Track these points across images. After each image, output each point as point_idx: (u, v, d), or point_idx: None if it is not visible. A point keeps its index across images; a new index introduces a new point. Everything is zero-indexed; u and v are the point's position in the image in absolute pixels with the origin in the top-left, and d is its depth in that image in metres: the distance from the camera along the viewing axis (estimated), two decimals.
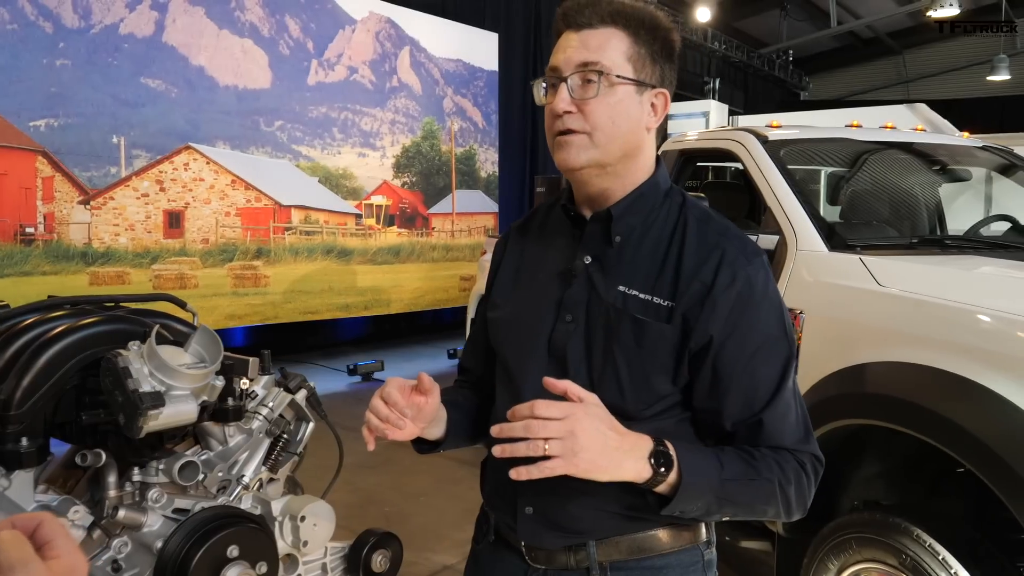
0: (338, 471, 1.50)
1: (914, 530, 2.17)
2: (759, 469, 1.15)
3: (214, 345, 1.16)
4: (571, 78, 1.20)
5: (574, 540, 1.25)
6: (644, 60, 1.21)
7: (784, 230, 2.84)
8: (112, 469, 1.21)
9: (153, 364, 1.11)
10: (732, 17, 14.89)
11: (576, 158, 1.21)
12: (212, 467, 1.30)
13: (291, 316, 7.68)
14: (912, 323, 2.30)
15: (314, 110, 7.87)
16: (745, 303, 1.18)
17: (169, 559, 1.09)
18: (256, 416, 1.37)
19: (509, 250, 1.44)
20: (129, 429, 1.08)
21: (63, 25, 6.05)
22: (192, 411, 1.13)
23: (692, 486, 1.11)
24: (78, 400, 1.22)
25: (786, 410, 1.20)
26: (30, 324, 1.28)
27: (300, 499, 1.28)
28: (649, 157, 1.28)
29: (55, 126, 6.01)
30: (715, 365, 1.19)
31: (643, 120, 1.23)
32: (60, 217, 6.11)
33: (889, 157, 3.48)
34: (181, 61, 6.79)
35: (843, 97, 17.52)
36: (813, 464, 1.21)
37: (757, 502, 1.17)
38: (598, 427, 1.06)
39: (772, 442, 1.19)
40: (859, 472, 2.67)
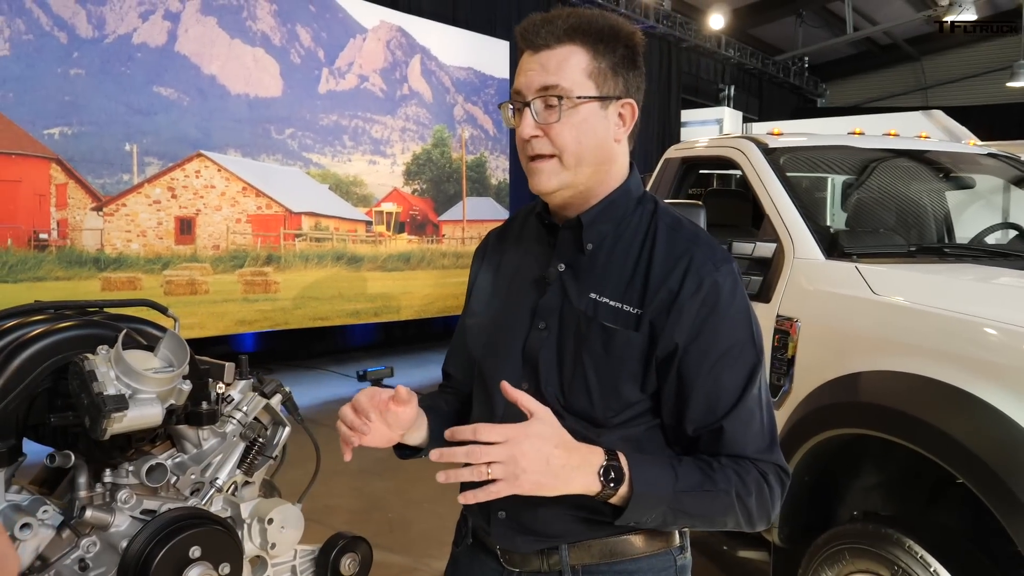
0: (315, 476, 1.51)
1: (906, 541, 2.15)
2: (716, 480, 1.15)
3: (181, 350, 1.18)
4: (534, 103, 1.21)
5: (546, 544, 1.26)
6: (605, 74, 1.21)
7: (782, 237, 2.83)
8: (83, 471, 1.22)
9: (120, 368, 1.12)
10: (747, 24, 14.84)
11: (548, 183, 1.22)
12: (185, 469, 1.31)
13: (301, 322, 7.72)
14: (906, 332, 2.28)
15: (325, 118, 7.93)
16: (711, 310, 1.18)
17: (132, 559, 1.10)
18: (230, 420, 1.38)
19: (488, 257, 1.45)
20: (94, 431, 1.10)
21: (77, 35, 6.14)
22: (157, 414, 1.14)
23: (644, 497, 1.11)
24: (50, 403, 1.23)
25: (749, 418, 1.19)
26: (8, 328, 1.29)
27: (268, 502, 1.29)
28: (621, 166, 1.29)
29: (69, 134, 6.10)
30: (679, 371, 1.19)
31: (610, 133, 1.24)
32: (73, 223, 6.19)
33: (892, 165, 3.46)
34: (193, 70, 6.86)
35: (860, 104, 17.41)
36: (777, 475, 1.20)
37: (714, 513, 1.16)
38: (540, 448, 1.06)
39: (734, 450, 1.18)
40: (857, 482, 2.65)
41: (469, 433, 1.06)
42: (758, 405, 1.21)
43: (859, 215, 3.36)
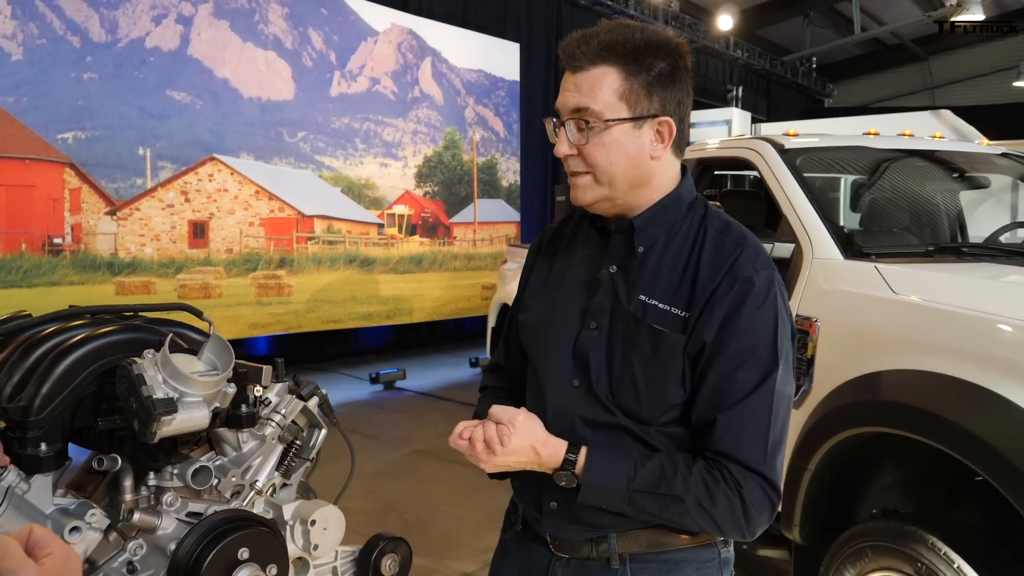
0: (350, 477, 1.53)
1: (929, 538, 2.16)
2: (673, 485, 1.19)
3: (226, 353, 1.19)
4: (568, 123, 1.25)
5: (596, 533, 1.30)
6: (638, 94, 1.23)
7: (800, 238, 2.84)
8: (128, 474, 1.24)
9: (166, 371, 1.14)
10: (755, 25, 14.83)
11: (584, 197, 1.28)
12: (226, 472, 1.33)
13: (314, 325, 7.76)
14: (927, 331, 2.29)
15: (337, 121, 7.96)
16: (738, 308, 1.20)
17: (182, 561, 1.12)
18: (269, 422, 1.40)
19: (541, 256, 1.49)
20: (143, 434, 1.11)
21: (90, 39, 6.18)
22: (204, 417, 1.16)
23: (592, 487, 1.21)
24: (95, 406, 1.25)
25: (748, 420, 1.20)
26: (51, 333, 1.31)
27: (311, 504, 1.31)
28: (664, 179, 1.30)
29: (82, 138, 6.14)
30: (703, 362, 1.22)
31: (645, 151, 1.25)
32: (87, 228, 6.23)
33: (907, 165, 3.46)
34: (206, 74, 6.90)
35: (868, 104, 17.36)
36: (762, 489, 1.20)
37: (671, 516, 1.21)
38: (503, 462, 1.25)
39: (721, 448, 1.20)
40: (877, 481, 2.66)
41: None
42: (764, 411, 1.20)
43: (874, 215, 3.37)
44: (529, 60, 10.07)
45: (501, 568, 1.48)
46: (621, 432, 1.26)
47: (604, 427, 1.27)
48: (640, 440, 1.26)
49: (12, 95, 5.75)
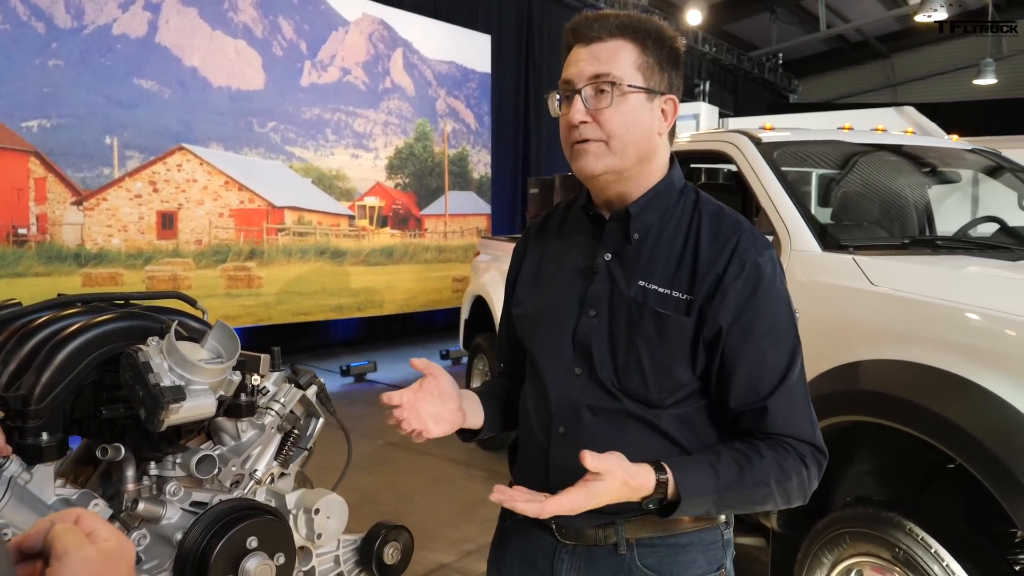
0: (347, 465, 1.53)
1: (907, 524, 2.21)
2: (755, 473, 1.21)
3: (231, 341, 1.19)
4: (585, 89, 1.25)
5: (604, 520, 1.31)
6: (652, 69, 1.27)
7: (778, 231, 2.88)
8: (130, 463, 1.23)
9: (173, 359, 1.13)
10: (722, 20, 14.96)
11: (594, 165, 1.27)
12: (226, 462, 1.32)
13: (284, 317, 7.68)
14: (905, 322, 2.34)
15: (307, 111, 7.88)
16: (753, 291, 1.24)
17: (189, 550, 1.11)
18: (268, 412, 1.39)
19: (530, 248, 1.49)
20: (150, 423, 1.10)
21: (56, 25, 6.04)
22: (211, 405, 1.15)
23: (690, 502, 1.18)
24: (96, 396, 1.24)
25: (792, 399, 1.24)
26: (45, 321, 1.29)
27: (314, 492, 1.31)
28: (662, 160, 1.34)
29: (48, 127, 6.00)
30: (724, 350, 1.24)
31: (655, 126, 1.28)
32: (53, 218, 6.10)
33: (880, 159, 3.52)
34: (174, 62, 6.79)
35: (832, 100, 17.62)
36: (815, 456, 1.25)
37: (755, 502, 1.23)
38: (594, 503, 1.14)
39: (776, 429, 1.23)
40: (851, 469, 2.71)
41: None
42: (801, 385, 1.26)
43: (848, 208, 3.42)
44: (500, 52, 10.05)
45: (502, 557, 1.47)
46: (627, 418, 1.27)
47: (610, 414, 1.29)
48: (648, 424, 1.27)
49: None
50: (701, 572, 1.32)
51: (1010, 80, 15.16)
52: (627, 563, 1.30)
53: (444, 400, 1.30)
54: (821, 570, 2.47)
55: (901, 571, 2.21)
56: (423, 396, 1.28)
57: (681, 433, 1.28)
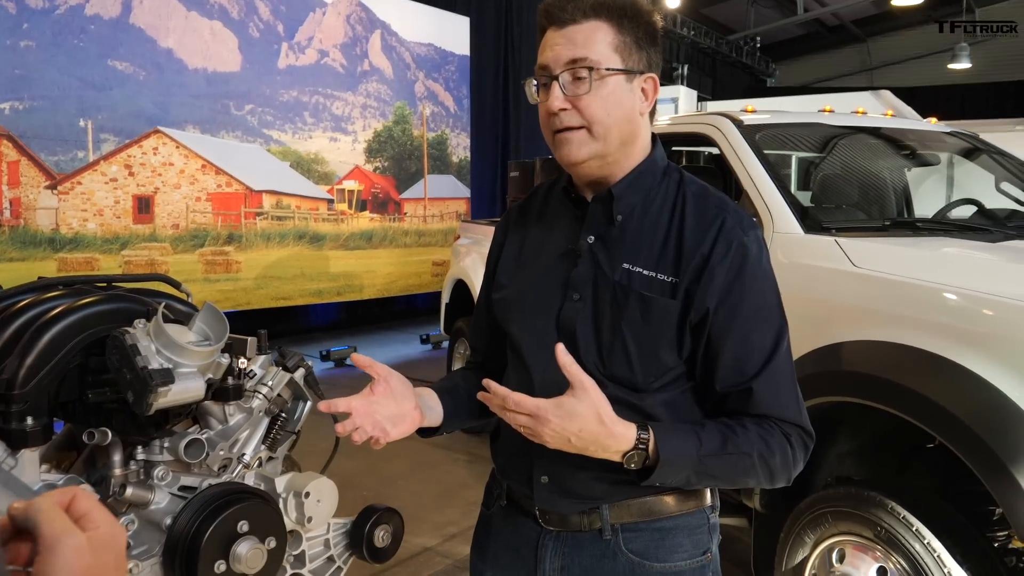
0: (335, 449, 1.52)
1: (888, 503, 2.23)
2: (738, 444, 1.19)
3: (219, 323, 1.17)
4: (562, 75, 1.22)
5: (588, 505, 1.29)
6: (630, 48, 1.24)
7: (760, 213, 2.89)
8: (117, 448, 1.21)
9: (160, 342, 1.11)
10: (700, 3, 14.96)
11: (577, 153, 1.24)
12: (214, 446, 1.31)
13: (263, 302, 7.62)
14: (886, 303, 2.36)
15: (285, 94, 7.79)
16: (738, 271, 1.22)
17: (180, 535, 1.10)
18: (256, 395, 1.38)
19: (511, 232, 1.46)
20: (138, 406, 1.09)
21: (27, 5, 5.91)
22: (200, 388, 1.13)
23: (669, 463, 1.16)
24: (82, 379, 1.22)
25: (778, 380, 1.23)
26: (27, 304, 1.27)
27: (304, 476, 1.30)
28: (645, 139, 1.31)
29: (20, 109, 5.88)
30: (710, 332, 1.23)
31: (636, 107, 1.26)
32: (27, 202, 5.99)
33: (860, 142, 3.54)
34: (149, 43, 6.67)
35: (809, 84, 17.72)
36: (800, 437, 1.24)
37: (736, 474, 1.21)
38: (564, 431, 1.13)
39: (762, 410, 1.22)
40: (832, 449, 2.74)
41: (500, 399, 1.15)
42: (788, 367, 1.25)
43: (828, 191, 3.44)
44: (479, 35, 9.98)
45: (486, 544, 1.45)
46: (613, 403, 1.23)
47: None
48: (634, 409, 1.25)
49: None
50: (687, 556, 1.31)
51: (985, 64, 15.32)
52: (612, 548, 1.29)
53: (399, 400, 1.27)
54: (803, 549, 2.49)
55: (883, 549, 2.24)
56: (376, 400, 1.25)
57: (668, 417, 1.26)
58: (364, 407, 1.23)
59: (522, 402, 1.13)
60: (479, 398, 1.18)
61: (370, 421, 1.23)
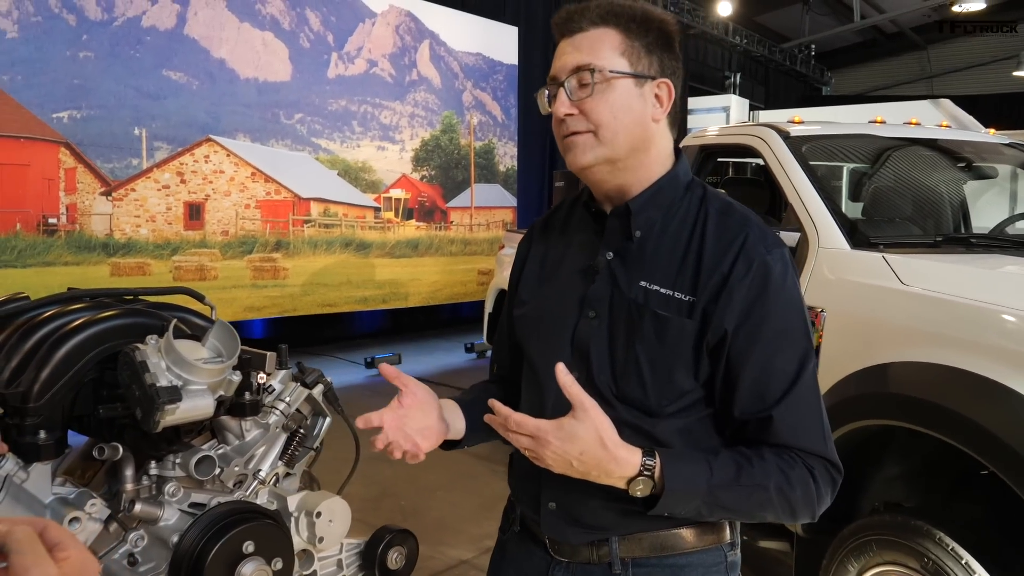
0: (354, 467, 1.50)
1: (936, 533, 2.14)
2: (753, 475, 1.13)
3: (231, 340, 1.15)
4: (568, 81, 1.21)
5: (596, 536, 1.25)
6: (639, 52, 1.21)
7: (806, 227, 2.82)
8: (129, 463, 1.20)
9: (170, 358, 1.10)
10: (753, 11, 14.76)
11: (583, 157, 1.22)
12: (229, 461, 1.30)
13: (309, 309, 7.71)
14: (936, 323, 2.27)
15: (334, 103, 7.89)
16: (759, 292, 1.16)
17: (185, 554, 1.08)
18: (273, 411, 1.36)
19: (533, 247, 1.44)
20: (146, 423, 1.08)
21: (86, 17, 6.09)
22: (209, 406, 1.12)
23: (675, 494, 1.11)
24: (96, 393, 1.21)
25: (801, 408, 1.16)
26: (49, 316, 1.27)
27: (316, 495, 1.28)
28: (663, 150, 1.27)
29: (78, 118, 6.06)
30: (729, 355, 1.17)
31: (647, 112, 1.22)
32: (82, 208, 6.16)
33: (913, 154, 3.43)
34: (202, 54, 6.82)
35: (866, 92, 17.35)
36: (826, 470, 1.17)
37: (751, 507, 1.15)
38: (565, 452, 1.09)
39: (782, 440, 1.16)
40: (879, 474, 2.65)
41: (502, 418, 1.12)
42: (812, 394, 1.18)
43: (879, 204, 3.34)
44: (527, 44, 9.98)
45: (500, 569, 1.42)
46: (621, 426, 1.18)
47: None
48: (645, 435, 1.20)
49: (7, 73, 5.67)
50: None
51: None
52: None
53: (426, 412, 1.26)
54: None
55: None
56: (405, 413, 1.23)
57: (682, 446, 1.20)
58: (395, 420, 1.23)
59: (523, 423, 1.10)
60: (485, 420, 1.15)
61: (402, 435, 1.22)
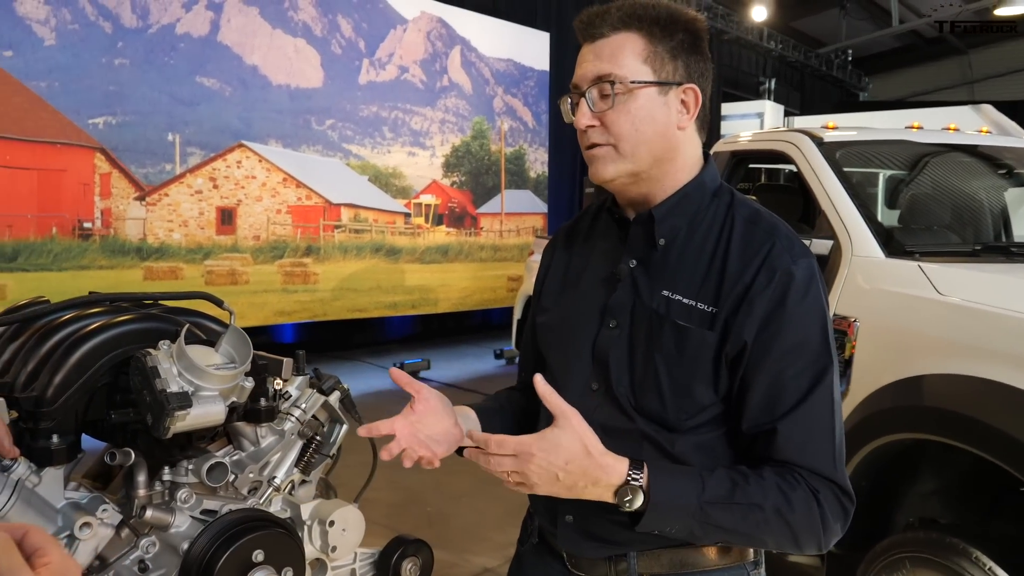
0: (371, 476, 1.47)
1: (973, 552, 2.08)
2: (749, 493, 1.07)
3: (243, 346, 1.14)
4: (589, 92, 1.17)
5: (614, 551, 1.22)
6: (663, 58, 1.16)
7: (839, 235, 2.75)
8: (142, 468, 1.19)
9: (182, 364, 1.09)
10: (789, 16, 14.60)
11: (604, 171, 1.19)
12: (243, 468, 1.28)
13: (339, 314, 7.75)
14: (974, 334, 2.20)
15: (365, 109, 7.93)
16: (780, 301, 1.12)
17: (194, 561, 1.07)
18: (289, 417, 1.35)
19: (557, 254, 1.41)
20: (156, 429, 1.06)
21: (122, 25, 6.18)
22: (220, 412, 1.10)
23: (662, 507, 1.06)
24: (109, 398, 1.20)
25: (809, 424, 1.11)
26: (66, 320, 1.27)
27: (330, 503, 1.26)
28: (690, 156, 1.23)
29: (113, 124, 6.15)
30: (744, 366, 1.13)
31: (672, 120, 1.18)
32: (116, 213, 6.25)
33: (952, 160, 3.35)
34: (235, 60, 6.90)
35: (904, 98, 17.06)
36: (834, 495, 1.11)
37: (748, 529, 1.09)
38: (550, 465, 1.05)
39: (786, 456, 1.10)
40: (914, 488, 2.58)
41: (483, 443, 1.09)
42: (826, 412, 1.12)
43: (915, 212, 3.26)
44: (559, 49, 9.96)
45: None
46: (641, 440, 1.17)
47: (622, 434, 1.18)
48: (662, 450, 1.17)
49: (45, 80, 5.77)
50: None
51: None
52: None
53: (439, 419, 1.22)
54: None
55: None
56: (418, 419, 1.20)
57: (701, 462, 1.15)
58: (407, 427, 1.19)
59: (503, 442, 1.07)
60: (465, 456, 1.13)
61: (416, 441, 1.18)
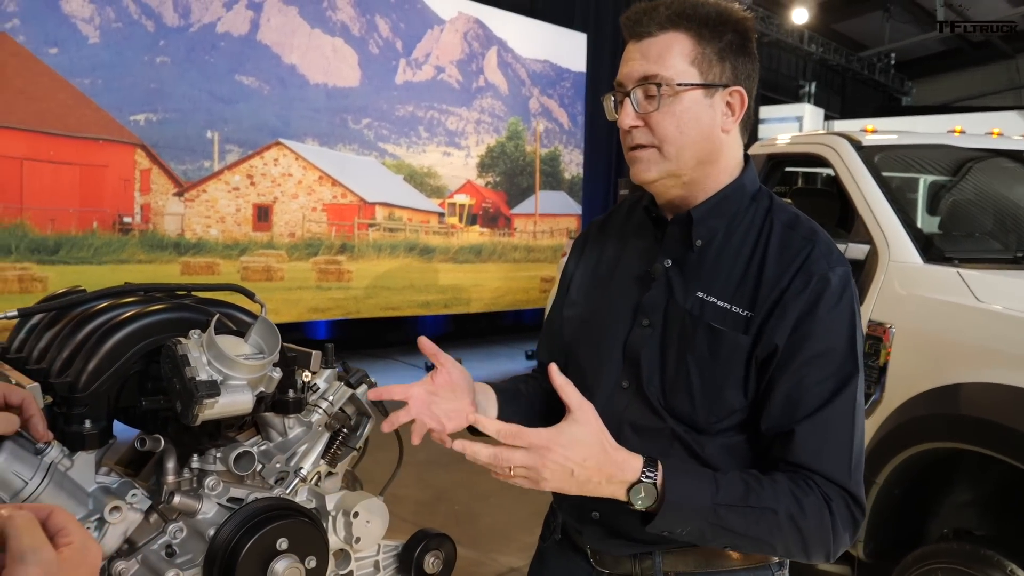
0: (396, 470, 1.48)
1: (1008, 564, 2.04)
2: (762, 497, 1.06)
3: (272, 336, 1.15)
4: (634, 92, 1.16)
5: (640, 549, 1.22)
6: (710, 60, 1.15)
7: (876, 240, 2.72)
8: (171, 455, 1.21)
9: (211, 353, 1.10)
10: (831, 19, 14.41)
11: (647, 172, 1.18)
12: (270, 458, 1.29)
13: (372, 311, 7.80)
14: (1013, 342, 2.15)
15: (401, 109, 7.98)
16: (812, 306, 1.11)
17: (220, 547, 1.08)
18: (316, 409, 1.36)
19: (589, 248, 1.41)
20: (185, 417, 1.08)
21: (164, 23, 6.29)
22: (248, 401, 1.12)
23: (675, 507, 1.04)
24: (141, 385, 1.22)
25: (829, 430, 1.10)
26: (101, 309, 1.29)
27: (354, 495, 1.27)
28: (731, 159, 1.22)
29: (154, 121, 6.26)
30: (773, 367, 1.12)
31: (716, 123, 1.17)
32: (156, 208, 6.36)
33: (995, 166, 3.28)
34: (274, 59, 6.98)
35: (949, 103, 16.72)
36: (845, 504, 1.09)
37: (760, 533, 1.07)
38: (565, 461, 1.02)
39: (801, 460, 1.09)
40: (949, 498, 2.53)
41: (496, 433, 1.04)
42: (846, 420, 1.10)
43: (956, 218, 3.20)
44: (596, 51, 9.93)
45: None
46: (671, 440, 1.16)
47: (653, 433, 1.18)
48: (691, 451, 1.16)
49: (88, 77, 5.90)
50: None
51: None
52: None
53: (457, 395, 1.20)
54: None
55: None
56: (436, 391, 1.19)
57: (729, 464, 1.14)
58: (421, 396, 1.18)
59: (520, 433, 1.01)
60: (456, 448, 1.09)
61: (428, 413, 1.17)
